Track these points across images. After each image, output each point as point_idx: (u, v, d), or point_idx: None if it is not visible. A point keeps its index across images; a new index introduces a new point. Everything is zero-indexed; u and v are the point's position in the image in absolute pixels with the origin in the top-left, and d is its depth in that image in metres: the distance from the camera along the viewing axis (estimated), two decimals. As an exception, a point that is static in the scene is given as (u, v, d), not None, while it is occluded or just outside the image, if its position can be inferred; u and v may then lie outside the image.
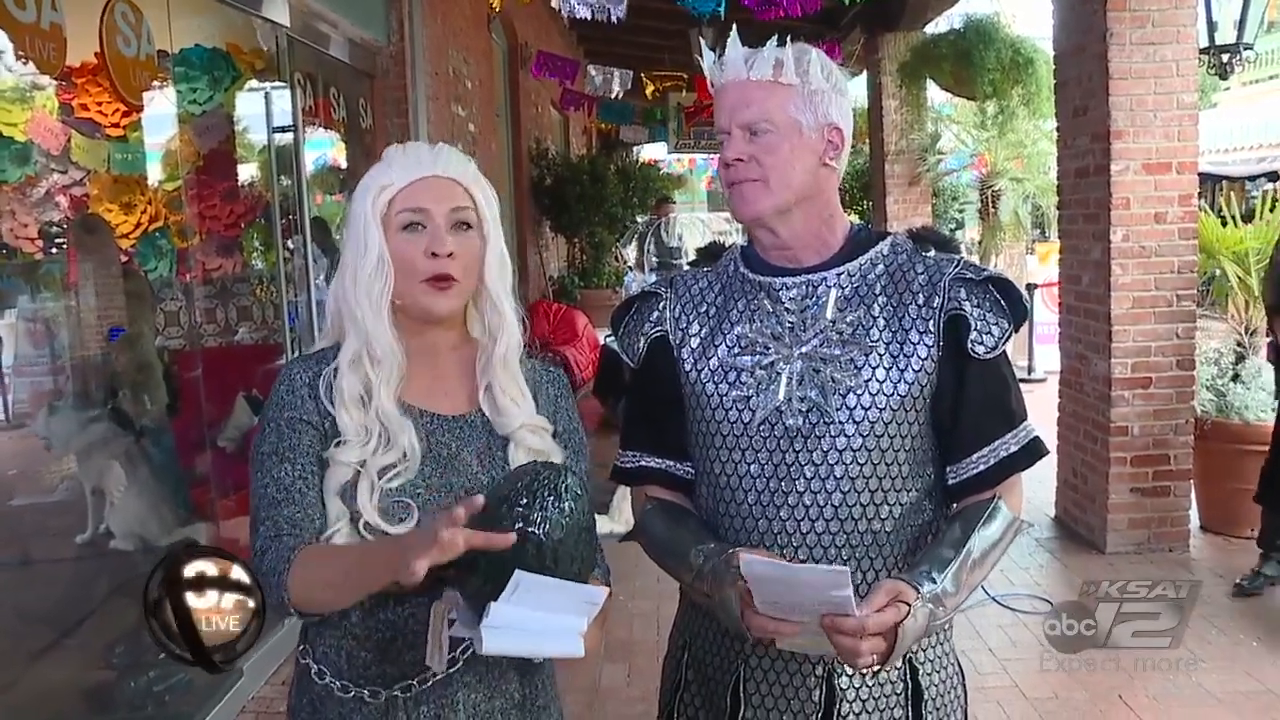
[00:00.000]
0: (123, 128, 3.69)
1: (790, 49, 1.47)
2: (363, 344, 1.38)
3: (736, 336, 1.52)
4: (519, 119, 9.57)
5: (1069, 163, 5.00)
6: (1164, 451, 4.70)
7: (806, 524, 1.46)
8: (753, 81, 1.47)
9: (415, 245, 1.38)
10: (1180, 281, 4.65)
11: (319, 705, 1.43)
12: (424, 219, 1.39)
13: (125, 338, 3.91)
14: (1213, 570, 4.50)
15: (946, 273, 1.48)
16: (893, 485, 1.47)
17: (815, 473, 1.45)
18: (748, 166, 1.47)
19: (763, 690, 1.52)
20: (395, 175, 1.40)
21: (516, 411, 1.45)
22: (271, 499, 1.34)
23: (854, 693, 1.48)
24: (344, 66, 4.82)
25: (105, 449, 3.66)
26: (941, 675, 1.53)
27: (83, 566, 3.62)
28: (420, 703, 1.40)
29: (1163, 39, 4.52)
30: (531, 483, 1.25)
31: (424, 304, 1.40)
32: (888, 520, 1.47)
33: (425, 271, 1.38)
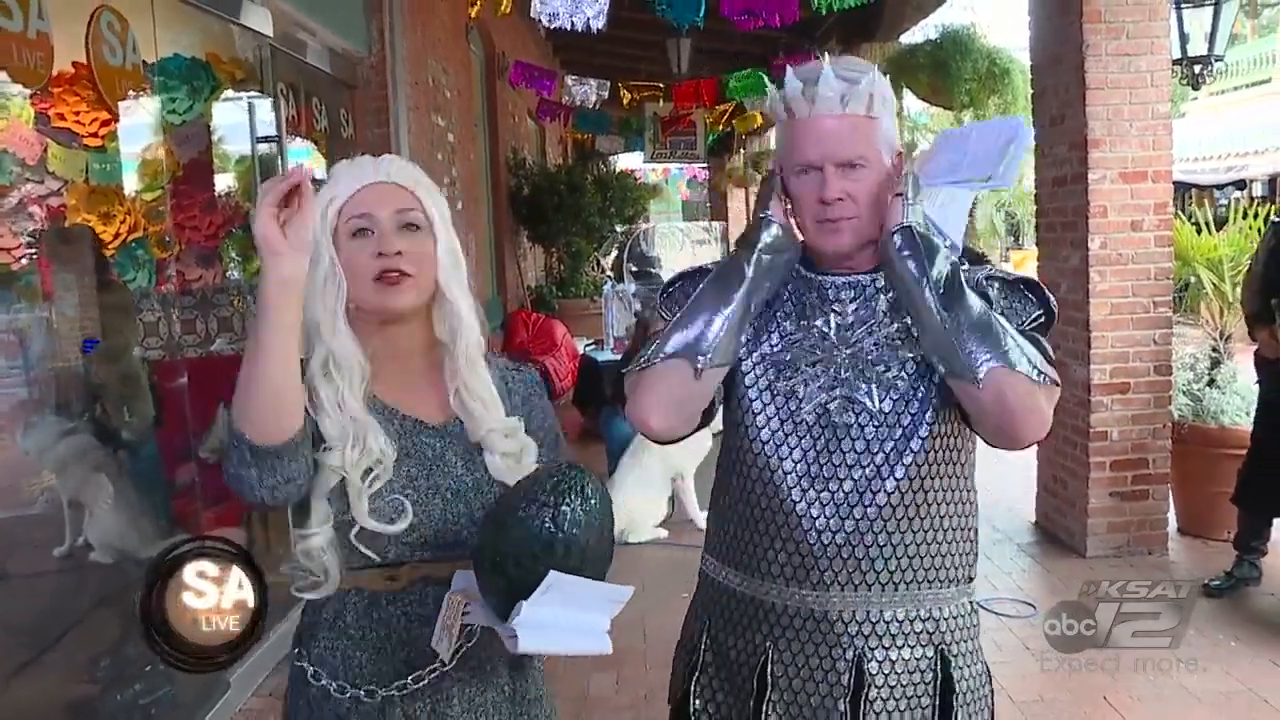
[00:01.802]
0: (101, 137, 3.66)
1: (878, 79, 1.49)
2: (326, 351, 1.40)
3: (786, 331, 1.56)
4: (497, 129, 9.57)
5: (1047, 171, 5.07)
6: (1142, 456, 4.76)
7: (860, 515, 1.50)
8: (848, 117, 1.48)
9: (364, 250, 1.41)
10: (1157, 288, 4.71)
11: (315, 707, 1.44)
12: (370, 224, 1.41)
13: (107, 349, 3.88)
14: (1191, 573, 4.55)
15: (979, 276, 1.52)
16: (936, 482, 1.52)
17: (860, 469, 1.49)
18: (845, 205, 1.49)
19: (790, 673, 1.55)
20: (340, 187, 1.42)
21: (484, 416, 1.47)
22: None
23: (883, 678, 1.51)
24: (325, 76, 4.81)
25: (83, 461, 3.62)
26: (972, 671, 1.57)
27: (63, 580, 3.57)
28: (416, 699, 1.43)
29: (1137, 50, 4.59)
30: (559, 483, 1.27)
31: (376, 302, 1.42)
32: (930, 514, 1.52)
33: (374, 270, 1.41)
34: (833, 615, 1.52)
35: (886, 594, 1.51)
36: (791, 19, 5.80)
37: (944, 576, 1.55)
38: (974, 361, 1.40)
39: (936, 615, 1.54)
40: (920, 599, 1.53)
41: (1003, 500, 5.55)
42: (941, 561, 1.54)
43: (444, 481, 1.44)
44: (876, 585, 1.51)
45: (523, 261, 10.75)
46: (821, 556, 1.51)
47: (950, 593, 1.56)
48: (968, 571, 1.59)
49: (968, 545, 1.59)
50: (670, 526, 5.42)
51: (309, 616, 1.48)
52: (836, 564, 1.51)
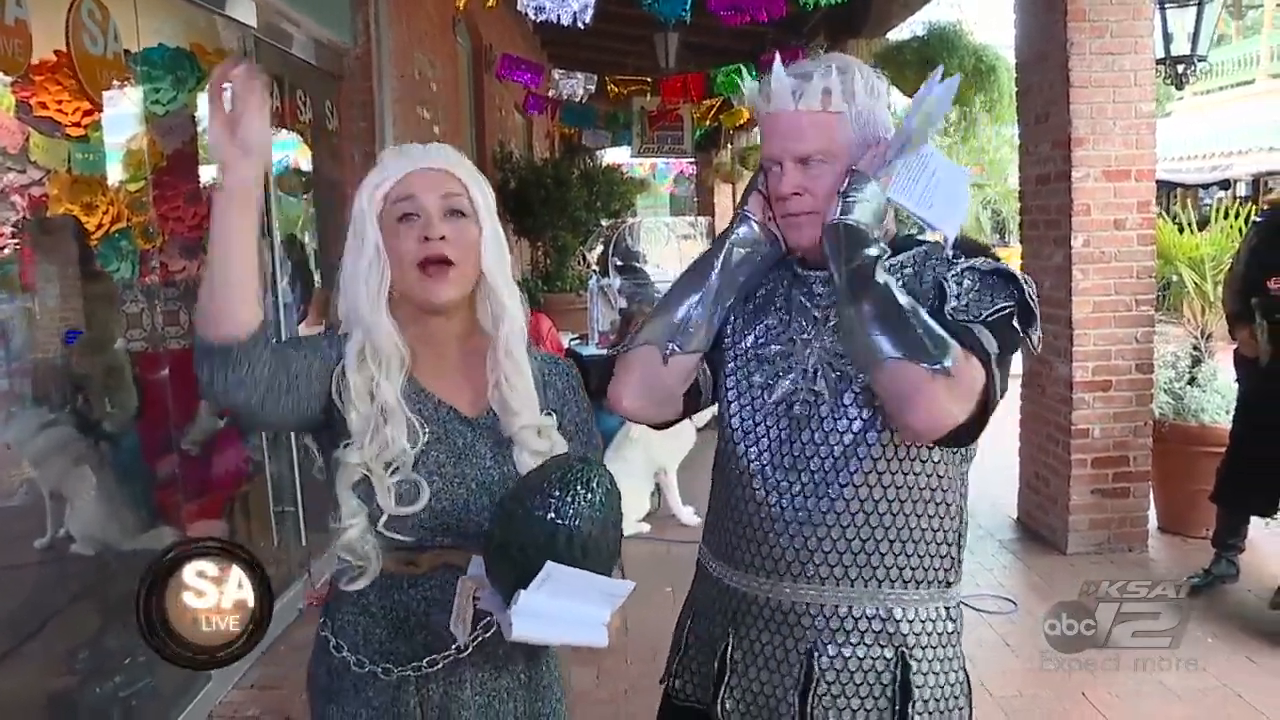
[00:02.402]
0: (84, 127, 3.63)
1: (835, 74, 1.47)
2: (365, 338, 1.41)
3: (770, 325, 1.58)
4: (483, 122, 9.55)
5: (1030, 169, 5.09)
6: (1124, 453, 4.79)
7: (815, 507, 1.50)
8: (802, 113, 1.48)
9: (409, 234, 1.41)
10: (1139, 286, 4.74)
11: (336, 676, 1.48)
12: (416, 208, 1.41)
13: (90, 340, 3.86)
14: (1170, 570, 4.58)
15: (960, 265, 1.49)
16: (900, 479, 1.49)
17: (821, 460, 1.49)
18: (803, 200, 1.50)
19: (747, 660, 1.57)
20: (388, 171, 1.43)
21: (520, 411, 1.47)
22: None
23: (834, 674, 1.51)
24: (310, 68, 4.79)
25: (64, 453, 3.61)
26: (939, 680, 1.53)
27: (43, 571, 3.55)
28: (430, 680, 1.46)
29: (1121, 49, 4.61)
30: (564, 475, 1.30)
31: (420, 293, 1.43)
32: (892, 512, 1.50)
33: (418, 255, 1.41)
34: (786, 606, 1.53)
35: (842, 589, 1.50)
36: (778, 14, 5.81)
37: (909, 577, 1.51)
38: (873, 352, 1.39)
39: (898, 616, 1.51)
40: (879, 598, 1.51)
41: (985, 496, 5.57)
42: (906, 561, 1.51)
43: (470, 472, 1.45)
44: (831, 579, 1.50)
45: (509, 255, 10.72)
46: (776, 545, 1.52)
47: (916, 595, 1.52)
48: (942, 575, 1.54)
49: (942, 549, 1.54)
50: (653, 521, 5.43)
51: (337, 589, 1.50)
52: (790, 554, 1.52)
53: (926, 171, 1.47)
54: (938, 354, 1.34)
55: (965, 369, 1.36)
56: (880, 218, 1.46)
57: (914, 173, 1.47)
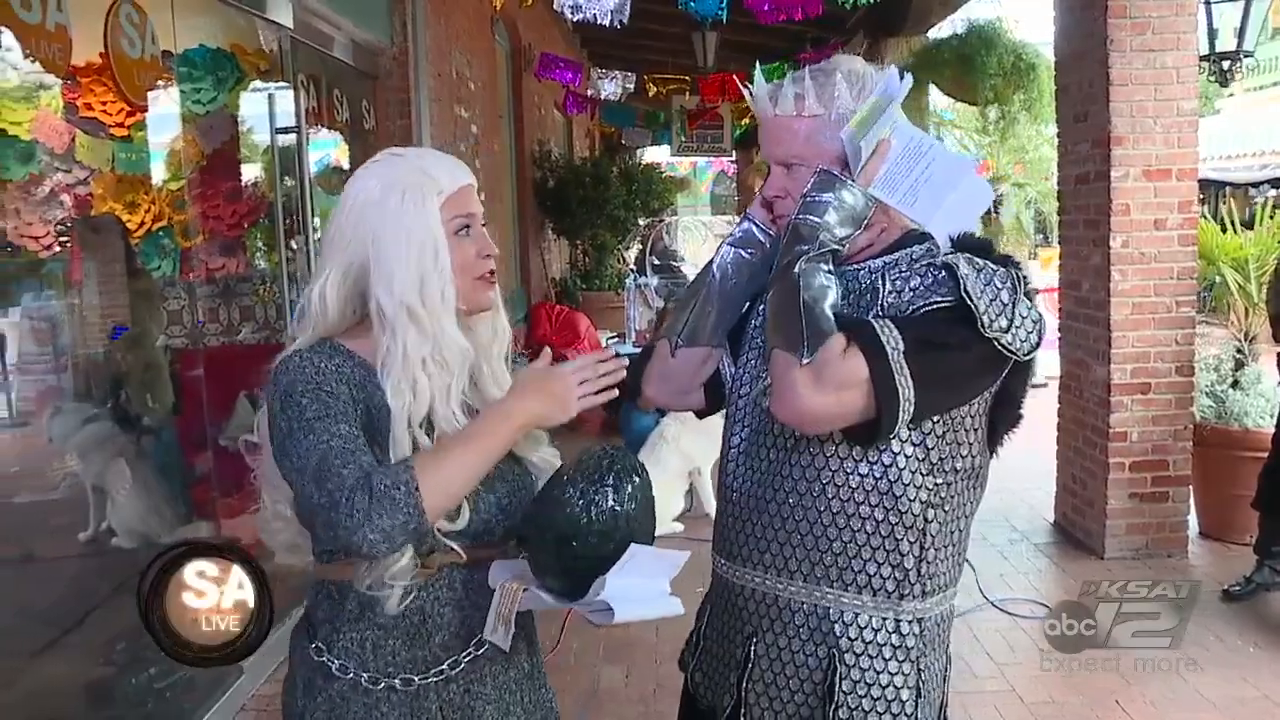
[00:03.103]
0: (127, 127, 3.70)
1: (810, 77, 1.48)
2: (430, 349, 1.40)
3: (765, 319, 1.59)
4: (522, 121, 9.58)
5: (1069, 169, 5.02)
6: (1163, 457, 4.70)
7: (760, 495, 1.54)
8: (779, 118, 1.51)
9: (468, 247, 1.44)
10: (1180, 288, 4.65)
11: (339, 702, 1.42)
12: (472, 223, 1.45)
13: (130, 336, 3.93)
14: (1211, 576, 4.50)
15: (921, 262, 1.48)
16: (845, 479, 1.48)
17: (776, 450, 1.53)
18: (785, 202, 1.53)
19: (710, 637, 1.66)
20: (443, 181, 1.43)
21: None
22: (342, 449, 1.29)
23: (767, 662, 1.54)
24: (347, 68, 4.84)
25: (106, 447, 3.68)
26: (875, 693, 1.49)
27: (84, 564, 3.63)
28: (450, 682, 1.45)
29: (1163, 46, 4.53)
30: (613, 464, 1.38)
31: (479, 300, 1.47)
32: (833, 510, 1.48)
33: (479, 269, 1.46)
34: (737, 589, 1.58)
35: (783, 580, 1.52)
36: (814, 13, 5.78)
37: (849, 580, 1.48)
38: (767, 341, 1.46)
39: (833, 617, 1.49)
40: (815, 595, 1.50)
41: (1021, 499, 5.52)
42: (848, 563, 1.48)
43: None
44: (774, 569, 1.52)
45: (547, 254, 10.77)
46: (730, 529, 1.58)
47: (857, 600, 1.49)
48: (891, 586, 1.48)
49: (893, 557, 1.48)
50: (686, 521, 5.42)
51: (325, 611, 1.45)
52: (740, 539, 1.56)
53: (919, 166, 1.46)
54: (807, 346, 1.37)
55: (835, 361, 1.36)
56: (853, 216, 1.45)
57: (905, 168, 1.47)
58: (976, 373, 1.44)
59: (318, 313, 1.43)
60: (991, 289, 1.39)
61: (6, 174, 3.32)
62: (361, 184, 1.44)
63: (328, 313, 1.43)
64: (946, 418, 1.45)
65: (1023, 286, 1.42)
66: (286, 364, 1.38)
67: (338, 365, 1.39)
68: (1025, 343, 1.41)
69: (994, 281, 1.40)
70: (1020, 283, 1.42)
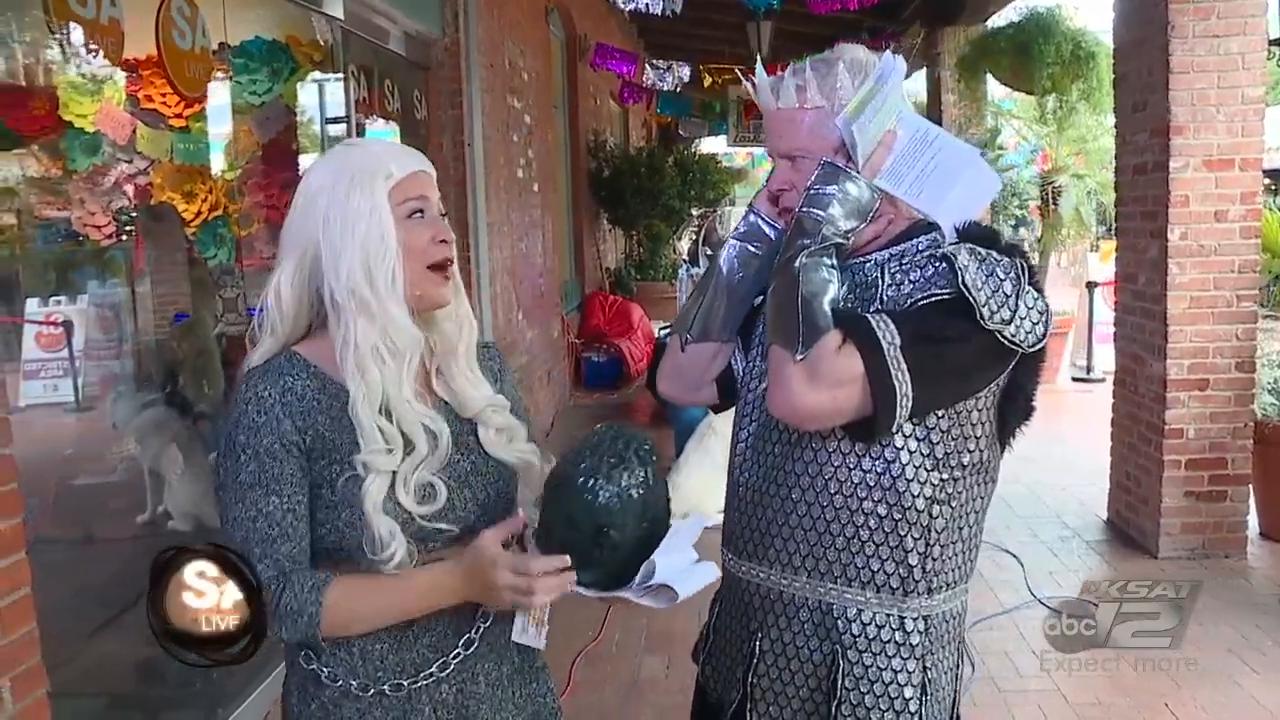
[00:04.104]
0: (185, 118, 3.77)
1: (810, 69, 1.46)
2: (379, 336, 1.35)
3: None
4: (577, 111, 9.61)
5: (1127, 159, 4.90)
6: (1221, 455, 4.58)
7: (765, 490, 1.54)
8: (782, 111, 1.50)
9: (421, 231, 1.40)
10: (1241, 281, 4.52)
11: (332, 708, 1.40)
12: (425, 206, 1.41)
13: (187, 324, 4.02)
14: (1271, 579, 4.39)
15: (923, 254, 1.46)
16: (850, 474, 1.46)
17: (782, 445, 1.52)
18: (790, 196, 1.52)
19: (719, 631, 1.66)
20: (393, 165, 1.39)
21: (475, 393, 1.47)
22: (265, 535, 1.32)
23: (772, 657, 1.55)
24: (399, 59, 4.89)
25: (161, 432, 3.76)
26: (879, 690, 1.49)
27: (141, 546, 3.72)
28: (441, 683, 1.42)
29: (1228, 31, 4.40)
30: (629, 443, 1.38)
31: (432, 294, 1.42)
32: (836, 505, 1.47)
33: (433, 256, 1.41)
34: (744, 584, 1.58)
35: (787, 576, 1.52)
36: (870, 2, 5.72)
37: (853, 575, 1.47)
38: (766, 337, 1.46)
39: (836, 614, 1.48)
40: (819, 591, 1.49)
41: (1074, 496, 5.42)
42: (851, 559, 1.47)
43: (441, 471, 1.40)
44: (778, 565, 1.52)
45: (601, 244, 10.79)
46: (737, 524, 1.58)
47: (861, 596, 1.48)
48: (896, 582, 1.47)
49: (897, 553, 1.46)
50: (732, 512, 5.41)
51: None
52: (746, 533, 1.56)
53: (925, 157, 1.44)
54: (802, 342, 1.36)
55: (829, 357, 1.36)
56: (858, 208, 1.44)
57: (911, 158, 1.45)
58: (977, 366, 1.41)
59: (275, 313, 1.39)
60: (994, 280, 1.36)
61: (73, 165, 3.40)
62: (313, 174, 1.41)
63: (284, 311, 1.39)
64: (951, 412, 1.43)
65: (1028, 277, 1.39)
66: (240, 388, 1.37)
67: (286, 388, 1.35)
68: (1030, 334, 1.38)
69: (996, 272, 1.37)
70: (1025, 273, 1.39)
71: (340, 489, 1.35)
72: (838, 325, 1.37)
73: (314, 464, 1.36)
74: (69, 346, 3.82)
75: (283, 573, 1.32)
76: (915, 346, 1.35)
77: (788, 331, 1.39)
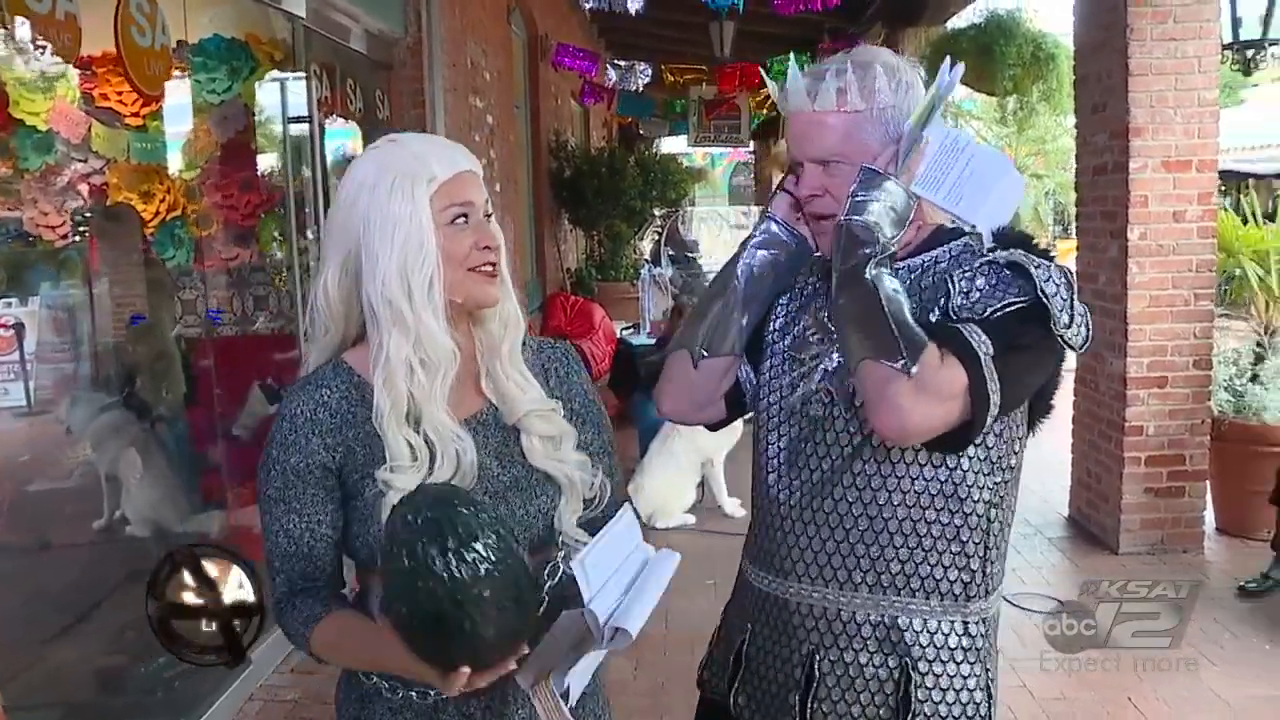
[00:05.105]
0: (142, 117, 3.70)
1: (852, 71, 1.43)
2: (412, 347, 1.32)
3: (804, 326, 1.57)
4: (538, 111, 9.56)
5: (1087, 160, 4.97)
6: (1179, 452, 4.67)
7: (819, 507, 1.48)
8: (818, 114, 1.45)
9: (463, 238, 1.35)
10: (1198, 280, 4.61)
11: (366, 703, 1.41)
12: (469, 212, 1.36)
13: (144, 326, 3.95)
14: (1227, 573, 4.47)
15: (981, 259, 1.43)
16: (909, 484, 1.45)
17: (829, 459, 1.48)
18: (823, 201, 1.47)
19: (759, 657, 1.58)
20: (436, 168, 1.34)
21: (521, 397, 1.40)
22: (284, 551, 1.34)
23: (834, 679, 1.49)
24: (361, 58, 4.83)
25: (119, 436, 3.69)
26: (949, 697, 1.47)
27: (98, 551, 3.65)
28: (469, 698, 1.35)
29: (1185, 35, 4.48)
30: (450, 519, 1.13)
31: (477, 294, 1.37)
32: (899, 517, 1.45)
33: (475, 261, 1.36)
34: (792, 606, 1.51)
35: (845, 593, 1.47)
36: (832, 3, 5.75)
37: (916, 586, 1.46)
38: (848, 352, 1.38)
39: (903, 626, 1.46)
40: (882, 605, 1.47)
41: (1035, 493, 5.48)
42: (914, 570, 1.45)
43: (478, 486, 1.35)
44: (834, 583, 1.47)
45: (562, 244, 10.77)
46: (782, 545, 1.52)
47: (925, 605, 1.46)
48: (959, 589, 1.47)
49: (959, 559, 1.46)
50: (698, 513, 5.42)
51: None
52: (795, 554, 1.50)
53: (959, 163, 1.42)
54: (906, 355, 1.31)
55: (935, 371, 1.32)
56: (899, 215, 1.40)
57: (945, 165, 1.43)
58: (1045, 370, 1.43)
59: (324, 315, 1.38)
60: (1053, 285, 1.37)
61: (25, 164, 3.32)
62: (356, 169, 1.37)
63: (333, 311, 1.38)
64: (1005, 416, 1.43)
65: (1075, 281, 1.40)
66: (285, 398, 1.38)
67: (320, 403, 1.35)
68: (1079, 337, 1.39)
69: (1053, 278, 1.38)
70: (1072, 278, 1.40)
71: (369, 501, 1.33)
72: (931, 337, 1.34)
73: (345, 478, 1.35)
74: (20, 349, 3.74)
75: (291, 592, 1.33)
76: (1005, 355, 1.35)
77: (884, 346, 1.33)
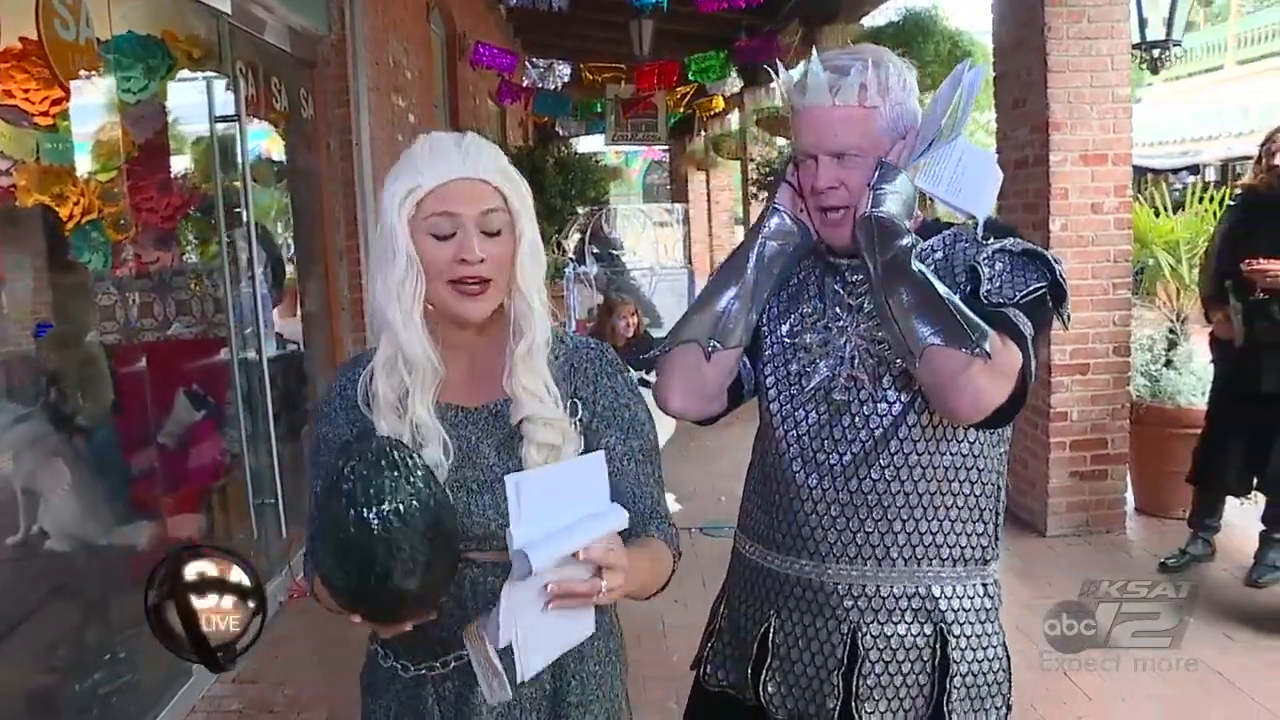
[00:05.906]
0: (52, 116, 3.56)
1: (872, 69, 1.47)
2: (395, 350, 1.36)
3: (806, 314, 1.61)
4: (457, 110, 9.47)
5: (1008, 154, 5.09)
6: (1101, 436, 4.83)
7: (856, 489, 1.54)
8: (838, 109, 1.49)
9: (445, 251, 1.34)
10: (1116, 270, 4.77)
11: (373, 669, 1.51)
12: (454, 225, 1.33)
13: (63, 332, 3.80)
14: (1148, 551, 4.63)
15: (987, 251, 1.50)
16: (936, 459, 1.53)
17: (858, 443, 1.54)
18: (838, 193, 1.52)
19: (789, 642, 1.61)
20: (424, 177, 1.32)
21: (525, 400, 1.39)
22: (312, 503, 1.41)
23: (877, 653, 1.55)
24: (285, 55, 4.74)
25: (37, 447, 3.56)
26: (978, 655, 1.56)
27: (17, 568, 3.51)
28: (447, 679, 1.42)
29: (1098, 33, 4.63)
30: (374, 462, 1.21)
31: (455, 310, 1.37)
32: (929, 491, 1.54)
33: (454, 274, 1.34)
34: (829, 587, 1.57)
35: (884, 569, 1.55)
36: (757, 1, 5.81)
37: (946, 555, 1.56)
38: (912, 340, 1.41)
39: (937, 594, 1.55)
40: (918, 576, 1.55)
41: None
42: (944, 540, 1.56)
43: (471, 474, 1.38)
44: (872, 560, 1.55)
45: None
46: (818, 528, 1.56)
47: (955, 572, 1.57)
48: (980, 553, 1.59)
49: (979, 526, 1.58)
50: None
51: None
52: (831, 535, 1.56)
53: (953, 158, 1.49)
54: (976, 338, 1.37)
55: (1003, 352, 1.39)
56: (910, 208, 1.48)
57: (941, 161, 1.50)
58: (1047, 345, 1.53)
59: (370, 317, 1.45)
60: (1062, 272, 1.50)
61: (-80, 166, 3.18)
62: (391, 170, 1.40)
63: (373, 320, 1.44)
64: None
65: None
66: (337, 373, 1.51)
67: (352, 380, 1.45)
68: (1070, 317, 1.53)
69: (1061, 266, 1.50)
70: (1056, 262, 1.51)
71: None
72: (985, 321, 1.41)
73: None
74: (-81, 362, 3.58)
75: (310, 536, 1.41)
76: (1037, 335, 1.45)
77: (954, 333, 1.38)
